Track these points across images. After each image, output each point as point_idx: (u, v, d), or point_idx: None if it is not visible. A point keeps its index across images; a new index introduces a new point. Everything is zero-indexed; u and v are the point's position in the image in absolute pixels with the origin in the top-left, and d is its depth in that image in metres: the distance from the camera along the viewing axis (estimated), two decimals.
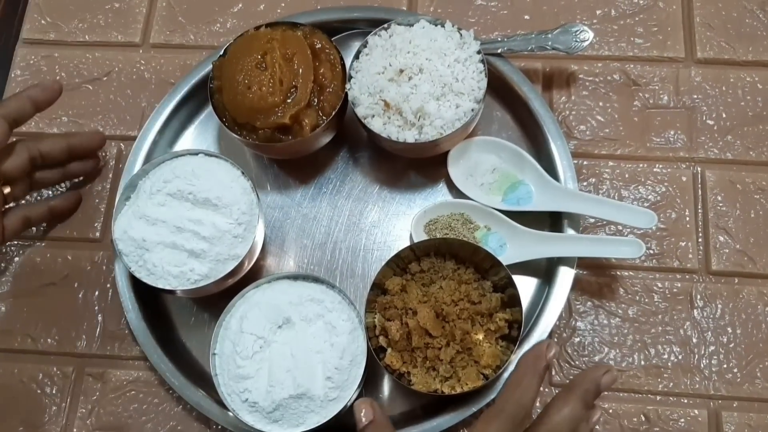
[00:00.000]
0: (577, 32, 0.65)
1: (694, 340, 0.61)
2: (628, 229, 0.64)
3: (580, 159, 0.67)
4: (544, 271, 0.63)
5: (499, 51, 0.65)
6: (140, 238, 0.56)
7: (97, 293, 0.65)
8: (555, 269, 0.61)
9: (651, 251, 0.63)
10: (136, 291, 0.62)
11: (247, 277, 0.60)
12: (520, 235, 0.62)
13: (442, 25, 0.62)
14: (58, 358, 0.64)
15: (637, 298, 0.63)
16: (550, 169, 0.63)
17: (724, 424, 0.59)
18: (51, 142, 0.63)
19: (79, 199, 0.68)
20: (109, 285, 0.65)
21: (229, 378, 0.54)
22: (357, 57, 0.62)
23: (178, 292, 0.58)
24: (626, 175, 0.66)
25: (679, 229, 0.64)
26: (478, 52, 0.61)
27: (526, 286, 0.62)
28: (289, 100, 0.59)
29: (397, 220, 0.65)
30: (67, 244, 0.67)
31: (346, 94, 0.61)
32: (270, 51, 0.59)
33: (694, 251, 0.64)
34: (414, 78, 0.59)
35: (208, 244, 0.56)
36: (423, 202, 0.66)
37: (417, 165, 0.67)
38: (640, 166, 0.66)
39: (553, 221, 0.64)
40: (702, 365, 0.60)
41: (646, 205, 0.65)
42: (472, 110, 0.59)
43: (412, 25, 0.62)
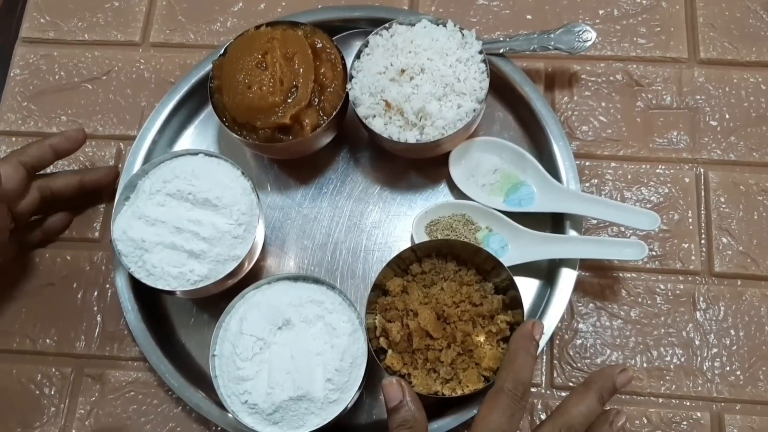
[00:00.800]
0: (580, 32, 0.64)
1: (697, 343, 0.61)
2: (631, 231, 0.63)
3: (583, 160, 0.66)
4: (546, 272, 0.62)
5: (501, 51, 0.65)
6: (139, 238, 0.56)
7: (96, 294, 0.65)
8: (557, 271, 0.61)
9: (653, 253, 0.63)
10: (136, 292, 0.62)
11: (247, 278, 0.59)
12: (521, 237, 0.61)
13: (444, 25, 0.62)
14: (57, 358, 0.64)
15: (640, 299, 0.62)
16: (552, 170, 0.63)
17: (727, 427, 0.58)
18: (64, 181, 0.64)
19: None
20: (108, 285, 0.65)
21: (229, 379, 0.53)
22: (358, 57, 0.62)
23: (178, 293, 0.57)
24: (629, 176, 0.66)
25: (682, 230, 0.64)
26: (480, 52, 0.61)
27: (527, 288, 0.62)
28: (290, 100, 0.58)
29: (398, 221, 0.65)
30: (66, 245, 0.67)
31: (347, 94, 0.60)
32: (270, 50, 0.59)
33: (697, 253, 0.63)
34: (415, 78, 0.59)
35: (208, 245, 0.56)
36: (424, 202, 0.65)
37: (418, 165, 0.66)
38: (643, 167, 0.66)
39: (555, 222, 0.63)
40: (705, 367, 0.60)
41: (648, 206, 0.64)
42: (474, 110, 0.59)
43: (414, 25, 0.62)
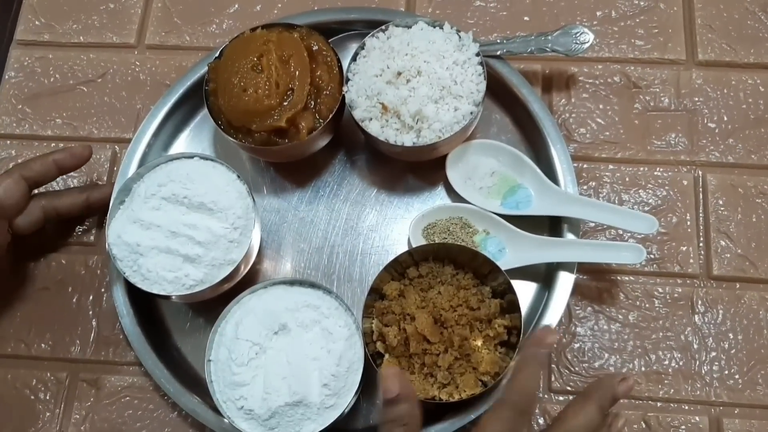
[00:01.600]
0: (577, 34, 0.64)
1: (695, 346, 0.61)
2: (629, 234, 0.63)
3: (580, 162, 0.66)
4: (544, 276, 0.62)
5: (498, 53, 0.64)
6: (134, 242, 0.56)
7: (91, 298, 0.65)
8: (554, 274, 0.60)
9: (651, 256, 0.63)
10: (131, 296, 0.61)
11: (243, 282, 0.59)
12: (519, 240, 0.61)
13: (441, 27, 0.61)
14: (52, 363, 0.63)
15: (638, 303, 0.62)
16: (550, 173, 0.62)
17: (726, 431, 0.58)
18: (70, 200, 0.63)
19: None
20: (103, 290, 0.65)
21: (225, 385, 0.53)
22: (354, 59, 0.61)
23: (173, 298, 0.57)
24: (627, 179, 0.65)
25: (680, 233, 0.63)
26: (477, 54, 0.60)
27: (525, 292, 0.62)
28: (286, 103, 0.58)
29: (395, 224, 0.65)
30: (61, 249, 0.66)
31: (344, 97, 0.60)
32: (266, 53, 0.59)
33: (695, 256, 0.63)
34: (412, 80, 0.58)
35: (204, 249, 0.55)
36: (421, 205, 0.65)
37: (415, 168, 0.66)
38: (641, 169, 0.66)
39: (552, 225, 0.63)
40: (703, 371, 0.60)
41: (646, 208, 0.64)
42: (471, 113, 0.59)
43: (410, 27, 0.61)
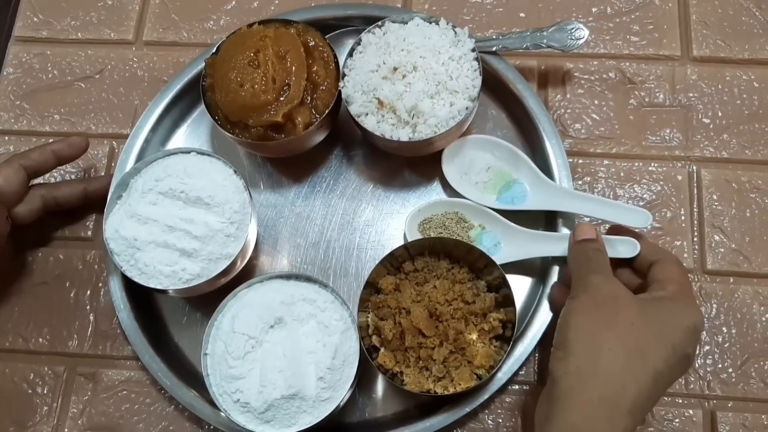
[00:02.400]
0: (573, 30, 0.64)
1: None
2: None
3: (575, 157, 0.66)
4: (539, 270, 0.62)
5: (494, 49, 0.65)
6: (132, 237, 0.56)
7: (88, 292, 0.65)
8: (550, 268, 0.61)
9: None
10: (128, 290, 0.62)
11: (239, 276, 0.59)
12: (514, 234, 0.61)
13: (437, 23, 0.62)
14: (50, 357, 0.64)
15: None
16: (545, 168, 0.63)
17: (720, 425, 0.58)
18: (68, 190, 0.63)
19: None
20: (101, 284, 0.65)
21: (221, 378, 0.53)
22: (351, 55, 0.62)
23: (170, 292, 0.57)
24: (621, 174, 0.66)
25: (675, 228, 0.64)
26: (473, 50, 0.61)
27: (520, 286, 0.62)
28: (282, 98, 0.58)
29: (391, 219, 0.65)
30: (59, 243, 0.67)
31: (340, 92, 0.60)
32: (263, 48, 0.59)
33: (690, 250, 0.63)
34: (408, 76, 0.58)
35: (200, 243, 0.56)
36: (417, 200, 0.65)
37: (411, 163, 0.66)
38: (636, 164, 0.66)
39: (547, 220, 0.63)
40: (697, 365, 0.60)
41: (641, 203, 0.65)
42: (467, 108, 0.59)
43: (407, 23, 0.62)
